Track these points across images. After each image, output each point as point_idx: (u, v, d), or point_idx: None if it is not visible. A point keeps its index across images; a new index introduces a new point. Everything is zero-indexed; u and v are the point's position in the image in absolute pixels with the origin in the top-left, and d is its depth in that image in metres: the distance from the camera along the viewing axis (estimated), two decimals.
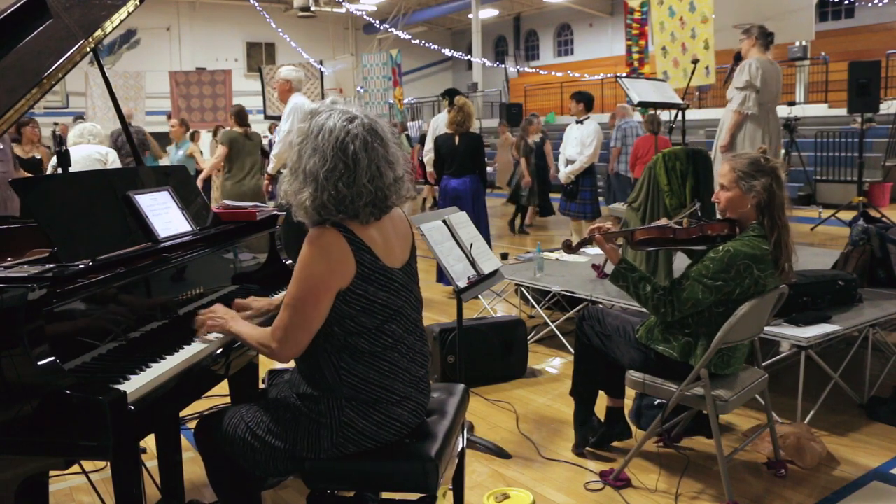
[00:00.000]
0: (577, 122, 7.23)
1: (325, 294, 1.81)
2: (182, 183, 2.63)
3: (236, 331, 2.04)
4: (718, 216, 2.86)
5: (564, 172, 7.24)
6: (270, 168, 5.76)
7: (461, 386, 2.30)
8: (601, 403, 3.14)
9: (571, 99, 7.34)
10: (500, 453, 3.17)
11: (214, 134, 11.18)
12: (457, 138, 5.99)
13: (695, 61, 6.40)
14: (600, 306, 3.19)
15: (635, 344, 2.85)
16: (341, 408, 1.88)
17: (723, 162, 2.79)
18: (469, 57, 21.78)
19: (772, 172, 2.66)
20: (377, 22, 20.72)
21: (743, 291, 2.61)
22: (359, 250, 1.83)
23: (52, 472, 2.04)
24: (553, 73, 20.58)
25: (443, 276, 6.16)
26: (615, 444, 3.14)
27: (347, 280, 1.82)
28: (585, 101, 7.21)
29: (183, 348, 2.02)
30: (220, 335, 2.10)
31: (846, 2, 17.00)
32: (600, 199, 7.92)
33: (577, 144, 7.15)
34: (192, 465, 2.98)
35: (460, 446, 2.25)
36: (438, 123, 7.43)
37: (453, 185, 6.00)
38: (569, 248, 3.01)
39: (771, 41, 5.07)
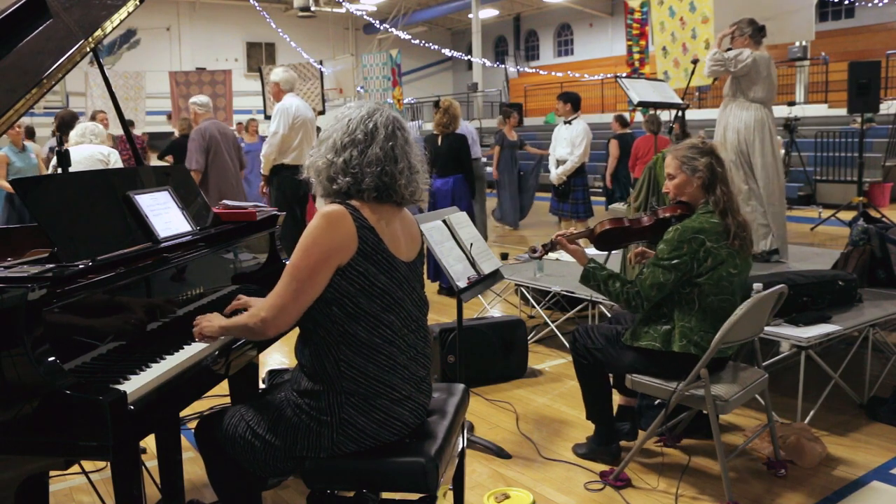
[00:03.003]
0: (566, 123, 7.25)
1: (324, 265, 1.85)
2: (182, 183, 2.63)
3: (226, 325, 2.01)
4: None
5: (556, 173, 7.27)
6: (262, 168, 5.76)
7: (461, 386, 2.30)
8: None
9: (558, 100, 7.36)
10: (500, 453, 3.17)
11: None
12: (440, 139, 6.05)
13: (695, 61, 6.40)
14: (588, 324, 3.20)
15: (624, 347, 2.87)
16: (342, 404, 1.89)
17: (668, 154, 2.91)
18: (469, 57, 21.78)
19: (710, 152, 2.79)
20: (377, 22, 20.72)
21: (701, 265, 2.67)
22: (363, 228, 1.89)
23: (52, 472, 2.03)
24: (553, 73, 20.57)
25: (430, 272, 6.17)
26: None
27: (348, 256, 1.86)
28: (573, 102, 7.24)
29: (183, 348, 2.02)
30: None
31: (846, 2, 17.00)
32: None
33: (567, 145, 7.18)
34: (192, 465, 2.98)
35: (460, 446, 2.25)
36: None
37: (437, 185, 6.10)
38: (534, 252, 3.07)
39: (763, 35, 4.86)
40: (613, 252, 4.24)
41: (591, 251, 4.90)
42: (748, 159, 4.76)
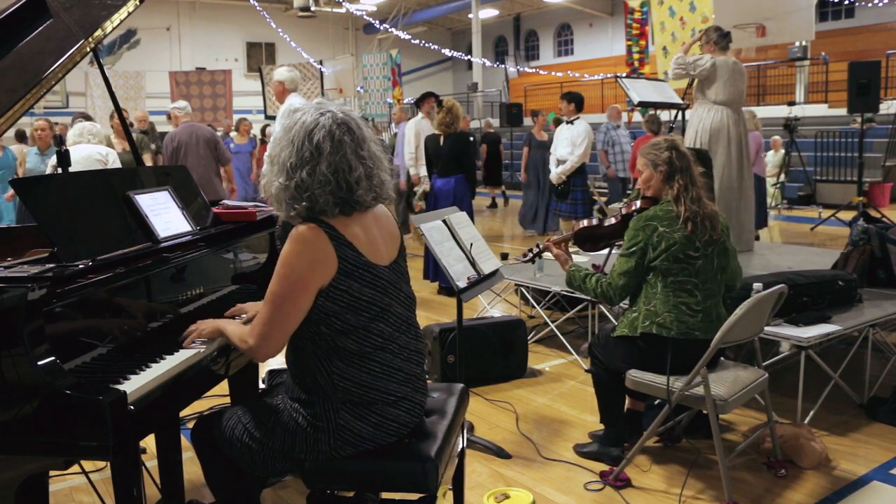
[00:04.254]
0: (567, 123, 7.25)
1: (304, 291, 1.81)
2: (182, 183, 2.63)
3: (221, 328, 2.03)
4: None
5: (556, 173, 7.26)
6: (265, 169, 5.77)
7: (461, 386, 2.30)
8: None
9: (562, 99, 7.35)
10: (500, 453, 3.17)
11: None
12: (442, 139, 6.06)
13: None
14: (607, 326, 3.25)
15: (612, 342, 2.94)
16: (336, 411, 1.88)
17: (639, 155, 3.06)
18: (469, 57, 21.78)
19: (671, 147, 2.93)
20: (377, 22, 20.71)
21: (656, 249, 2.79)
22: (340, 246, 1.83)
23: (52, 472, 2.04)
24: (553, 73, 20.57)
25: (430, 272, 6.17)
26: None
27: (328, 277, 1.81)
28: (576, 102, 7.23)
29: (183, 348, 2.02)
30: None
31: (846, 2, 17.00)
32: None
33: (568, 144, 7.17)
34: (192, 465, 2.97)
35: (460, 446, 2.25)
36: (420, 127, 7.10)
37: (438, 185, 6.10)
38: (524, 256, 3.29)
39: (729, 41, 5.15)
40: (614, 252, 4.25)
41: (596, 253, 4.92)
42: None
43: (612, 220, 3.16)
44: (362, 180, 1.86)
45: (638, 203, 3.03)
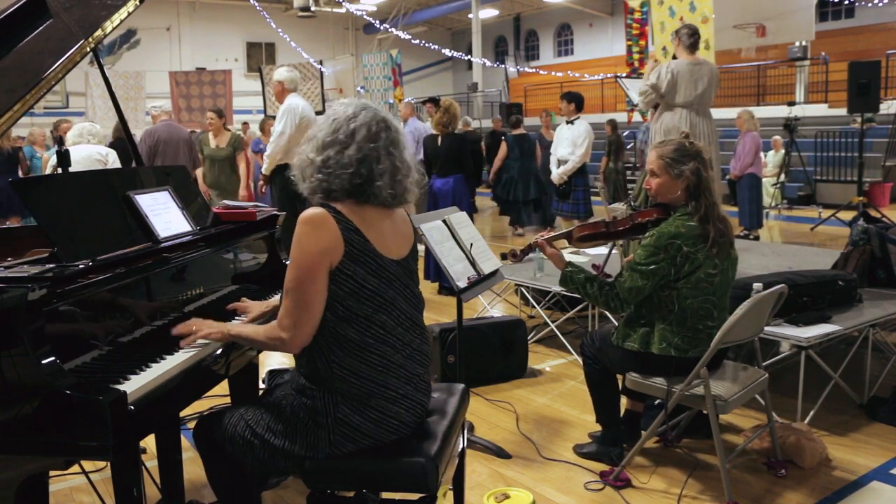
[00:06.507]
0: (568, 123, 7.25)
1: (318, 270, 1.83)
2: (182, 183, 2.63)
3: (237, 333, 2.02)
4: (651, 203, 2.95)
5: (557, 173, 7.27)
6: (264, 168, 5.75)
7: (461, 386, 2.30)
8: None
9: (562, 99, 7.36)
10: (500, 453, 3.17)
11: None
12: (440, 139, 6.07)
13: None
14: (594, 329, 3.21)
15: (614, 347, 2.88)
16: (336, 404, 1.88)
17: (650, 150, 2.87)
18: (469, 57, 21.78)
19: (697, 156, 2.73)
20: (377, 22, 20.71)
21: (679, 271, 2.66)
22: (346, 229, 1.86)
23: (52, 472, 2.04)
24: (553, 73, 20.57)
25: (430, 273, 6.18)
26: None
27: (337, 257, 1.84)
28: (576, 102, 7.24)
29: (183, 349, 2.02)
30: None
31: (846, 2, 17.00)
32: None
33: (569, 144, 7.18)
34: (192, 465, 2.98)
35: (460, 446, 2.25)
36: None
37: (437, 185, 6.14)
38: (514, 256, 3.12)
39: (696, 41, 5.00)
40: (614, 252, 4.24)
41: (595, 251, 4.91)
42: None
43: (620, 227, 2.97)
44: (385, 175, 1.92)
45: (654, 214, 2.85)
